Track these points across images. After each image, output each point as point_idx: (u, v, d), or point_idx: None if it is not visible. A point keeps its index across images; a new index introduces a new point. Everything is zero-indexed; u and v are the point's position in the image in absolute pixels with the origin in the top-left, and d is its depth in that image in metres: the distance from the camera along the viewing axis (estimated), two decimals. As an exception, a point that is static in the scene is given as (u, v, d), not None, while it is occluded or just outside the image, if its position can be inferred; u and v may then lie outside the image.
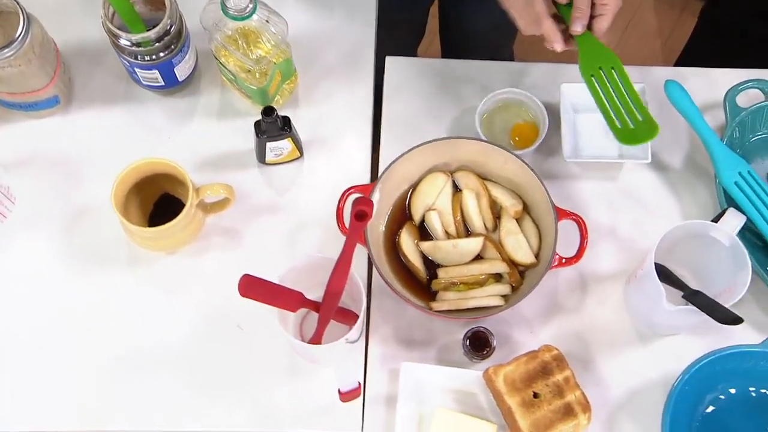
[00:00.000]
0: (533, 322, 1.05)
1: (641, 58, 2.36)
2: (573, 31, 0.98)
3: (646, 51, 2.40)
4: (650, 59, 2.36)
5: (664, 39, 2.43)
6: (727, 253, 0.92)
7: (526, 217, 1.06)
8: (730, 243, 0.91)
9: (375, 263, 0.98)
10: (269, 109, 1.00)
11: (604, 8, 0.96)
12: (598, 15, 0.97)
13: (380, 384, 1.02)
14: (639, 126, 0.96)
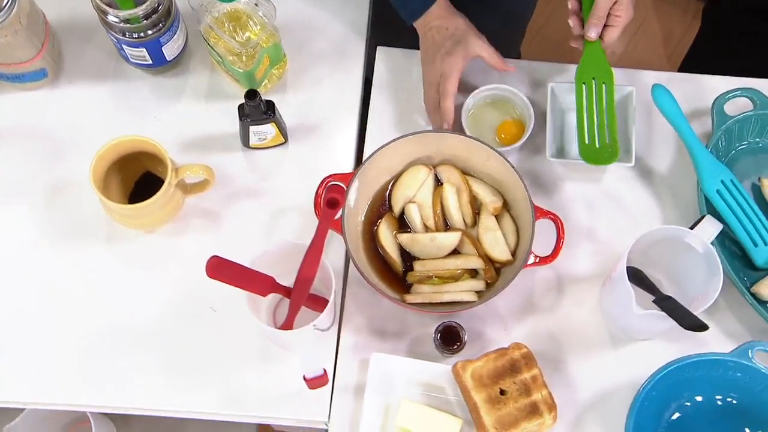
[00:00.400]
0: (507, 320, 1.05)
1: (648, 62, 2.35)
2: (587, 37, 1.05)
3: (654, 57, 2.39)
4: (657, 64, 2.35)
5: (673, 45, 2.42)
6: (701, 260, 0.92)
7: (505, 214, 1.06)
8: (704, 250, 0.91)
9: (350, 253, 0.98)
10: (252, 92, 1.00)
11: (617, 20, 1.03)
12: (610, 25, 1.04)
13: (350, 373, 1.03)
14: (603, 147, 1.03)
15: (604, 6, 1.02)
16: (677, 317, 0.84)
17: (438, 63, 1.07)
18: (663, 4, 2.48)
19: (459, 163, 1.09)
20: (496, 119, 1.14)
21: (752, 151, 1.09)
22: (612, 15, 1.03)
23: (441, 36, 1.08)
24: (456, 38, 1.07)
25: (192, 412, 1.01)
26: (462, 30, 1.08)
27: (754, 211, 1.03)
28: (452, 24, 1.08)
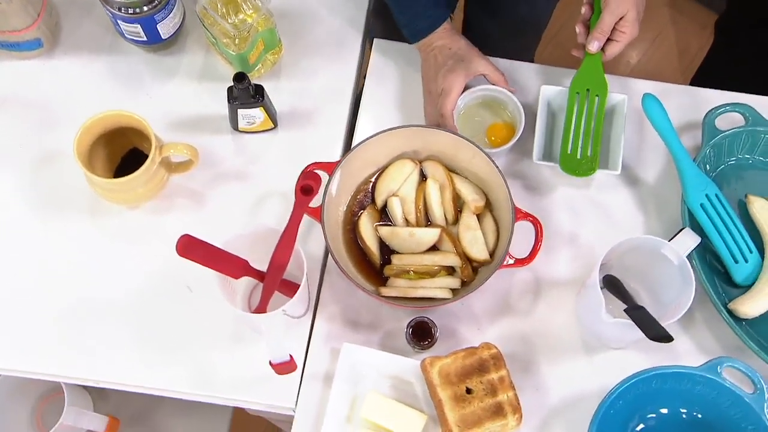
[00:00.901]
0: (482, 320, 1.06)
1: (661, 75, 2.34)
2: (588, 49, 1.06)
3: (668, 69, 2.38)
4: (671, 77, 2.35)
5: (689, 58, 2.41)
6: (676, 272, 0.93)
7: (487, 214, 1.07)
8: (679, 262, 0.91)
9: (328, 242, 0.99)
10: (241, 75, 1.01)
11: (621, 36, 1.05)
12: (614, 40, 1.05)
13: (321, 362, 1.03)
14: (584, 159, 1.05)
15: (609, 21, 1.03)
16: (644, 327, 0.85)
17: (440, 81, 1.07)
18: (681, 17, 2.48)
19: (445, 159, 1.09)
20: (487, 120, 1.14)
21: (741, 167, 1.09)
22: (617, 30, 1.04)
23: (443, 55, 1.08)
24: (458, 57, 1.08)
25: (160, 389, 1.02)
26: (464, 50, 1.09)
27: (737, 227, 1.02)
28: (455, 44, 1.09)
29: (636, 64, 2.38)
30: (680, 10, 2.47)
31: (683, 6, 2.47)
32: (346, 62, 1.20)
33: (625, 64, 2.36)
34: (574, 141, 1.06)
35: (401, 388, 1.01)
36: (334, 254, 0.99)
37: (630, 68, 2.36)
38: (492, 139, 1.13)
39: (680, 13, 2.48)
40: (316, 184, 0.85)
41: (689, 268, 0.90)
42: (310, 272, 1.08)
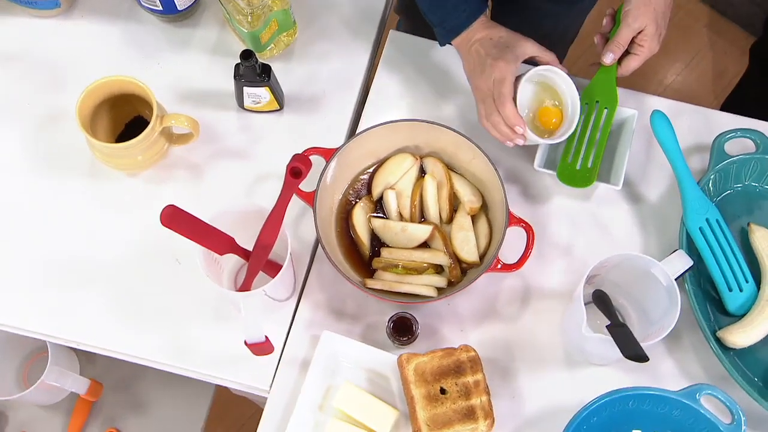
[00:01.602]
0: (466, 322, 1.06)
1: (694, 97, 2.32)
2: (602, 61, 1.04)
3: (702, 92, 2.36)
4: (705, 100, 2.32)
5: (725, 82, 2.38)
6: (665, 293, 0.92)
7: (482, 216, 1.07)
8: (667, 283, 0.91)
9: (317, 229, 0.99)
10: (248, 53, 1.02)
11: (639, 49, 1.03)
12: (632, 54, 1.03)
13: (300, 347, 1.04)
14: (582, 170, 1.04)
15: (626, 34, 1.01)
16: (621, 345, 0.84)
17: (488, 71, 1.01)
18: (720, 39, 2.44)
19: (446, 157, 1.09)
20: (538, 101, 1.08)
21: (747, 194, 1.08)
22: (636, 44, 1.03)
23: (486, 47, 1.02)
24: (503, 44, 1.02)
25: (137, 357, 1.03)
26: (507, 36, 1.03)
27: (735, 255, 1.01)
28: (496, 34, 1.03)
29: (669, 83, 2.35)
30: (720, 32, 2.44)
31: (723, 28, 2.44)
32: (360, 51, 1.21)
33: (657, 82, 2.34)
34: (576, 151, 1.05)
35: (377, 382, 1.01)
36: (323, 241, 1.00)
37: (663, 87, 2.33)
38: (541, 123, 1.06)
39: (719, 35, 2.45)
40: (305, 167, 0.86)
41: (676, 291, 0.89)
42: (301, 257, 1.09)
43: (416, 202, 1.07)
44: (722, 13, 2.46)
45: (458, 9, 1.02)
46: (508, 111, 0.99)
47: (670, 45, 2.41)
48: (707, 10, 2.48)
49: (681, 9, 2.48)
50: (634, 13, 1.00)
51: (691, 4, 2.50)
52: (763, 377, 0.98)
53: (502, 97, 0.99)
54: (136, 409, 1.36)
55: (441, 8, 1.03)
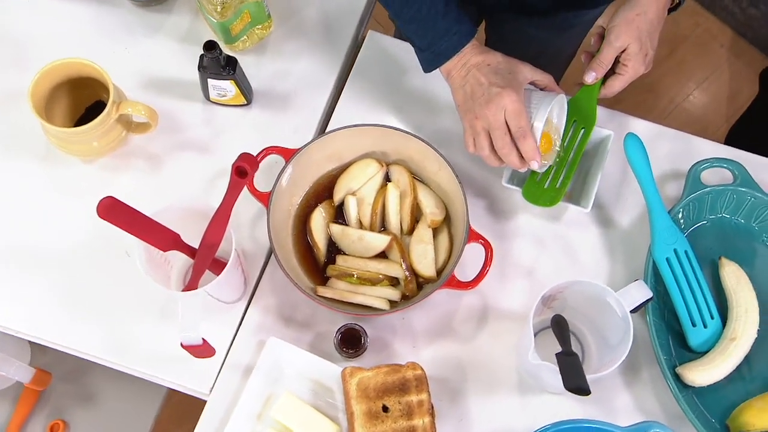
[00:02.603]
0: (419, 338, 1.06)
1: (703, 119, 2.30)
2: (583, 80, 1.03)
3: (713, 114, 2.34)
4: (714, 123, 2.30)
5: (737, 105, 2.37)
6: (620, 324, 0.91)
7: (444, 229, 1.06)
8: (622, 314, 0.90)
9: (270, 231, 0.99)
10: (211, 44, 1.02)
11: (624, 69, 1.01)
12: (617, 74, 1.02)
13: (245, 352, 1.04)
14: (549, 190, 1.04)
15: (609, 52, 1.00)
16: (565, 375, 0.84)
17: (496, 101, 0.96)
18: (737, 61, 2.43)
19: (413, 166, 1.09)
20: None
21: (722, 227, 1.07)
22: (621, 64, 1.01)
23: (485, 74, 0.98)
24: (504, 70, 0.99)
25: (75, 350, 1.04)
26: (504, 62, 1.00)
27: (702, 289, 1.01)
28: (492, 59, 0.99)
29: (680, 102, 2.34)
30: (738, 53, 2.43)
31: (741, 50, 2.42)
32: (335, 50, 1.21)
33: (669, 100, 2.32)
34: (546, 169, 1.05)
35: (321, 394, 1.01)
36: (274, 244, 1.00)
37: (674, 105, 2.32)
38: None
39: (737, 56, 2.43)
40: (251, 167, 0.86)
41: (629, 323, 0.89)
42: (255, 259, 1.09)
43: (377, 211, 1.07)
44: (742, 34, 2.44)
45: (450, 31, 0.98)
46: (530, 146, 0.96)
47: (685, 63, 2.40)
48: (727, 30, 2.46)
49: (699, 26, 2.47)
50: (616, 31, 0.99)
51: (709, 22, 2.48)
52: (721, 419, 0.98)
53: (523, 131, 0.96)
54: (86, 401, 1.36)
55: (430, 30, 0.98)
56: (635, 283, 0.93)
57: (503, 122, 0.97)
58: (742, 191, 1.04)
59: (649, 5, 0.97)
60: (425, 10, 0.96)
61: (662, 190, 1.11)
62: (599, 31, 1.05)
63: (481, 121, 0.98)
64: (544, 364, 0.87)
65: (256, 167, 0.88)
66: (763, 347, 1.00)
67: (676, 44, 2.41)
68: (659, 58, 2.40)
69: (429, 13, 0.96)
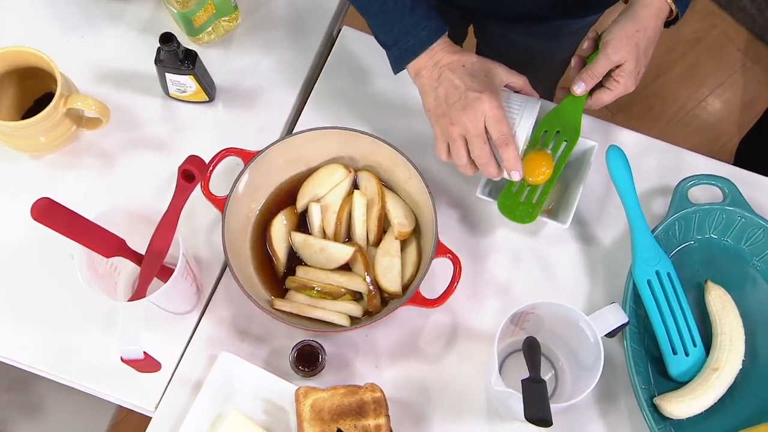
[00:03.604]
0: (383, 357, 1.06)
1: (716, 126, 2.30)
2: (572, 89, 1.03)
3: (726, 122, 2.35)
4: (726, 131, 2.31)
5: (753, 113, 2.37)
6: (592, 349, 0.92)
7: (413, 242, 1.07)
8: (594, 339, 0.91)
9: (224, 239, 1.00)
10: (168, 36, 1.03)
11: (615, 85, 1.01)
12: (605, 88, 1.03)
13: (195, 367, 1.04)
14: (526, 204, 1.04)
15: (604, 65, 1.00)
16: (527, 403, 0.84)
17: (474, 106, 0.95)
18: (755, 66, 2.43)
19: (382, 173, 1.10)
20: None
21: (710, 248, 1.08)
22: (612, 79, 1.01)
23: (460, 76, 0.97)
24: (480, 72, 0.99)
25: (10, 359, 1.04)
26: (478, 63, 0.99)
27: (685, 315, 1.01)
28: (466, 59, 0.99)
29: (691, 109, 2.34)
30: (755, 58, 2.43)
31: (759, 54, 2.42)
32: (306, 45, 1.21)
33: (679, 107, 2.33)
34: (522, 182, 1.05)
35: (273, 414, 1.02)
36: (229, 253, 1.00)
37: (685, 112, 2.32)
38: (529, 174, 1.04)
39: (754, 61, 2.43)
40: (199, 171, 0.86)
41: (600, 349, 0.89)
42: (210, 267, 1.10)
43: (342, 220, 1.07)
44: (760, 37, 2.45)
45: (418, 26, 0.97)
46: (512, 154, 0.96)
47: (698, 67, 2.40)
48: (743, 33, 2.47)
49: (715, 28, 2.47)
50: (615, 44, 0.99)
51: (725, 24, 2.49)
52: (700, 454, 0.98)
53: (505, 138, 0.96)
54: (31, 412, 1.37)
55: (397, 25, 0.97)
56: (610, 306, 0.93)
57: (483, 129, 0.96)
58: (731, 211, 1.05)
59: (648, 21, 0.98)
60: (391, 4, 0.96)
61: (649, 206, 1.12)
62: (593, 36, 1.05)
63: (457, 128, 0.97)
64: (508, 390, 0.88)
65: (205, 171, 0.89)
66: (749, 379, 1.01)
67: (689, 47, 2.42)
68: (669, 62, 2.41)
69: (395, 7, 0.96)
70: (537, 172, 1.04)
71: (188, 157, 0.87)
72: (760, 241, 1.05)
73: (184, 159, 0.88)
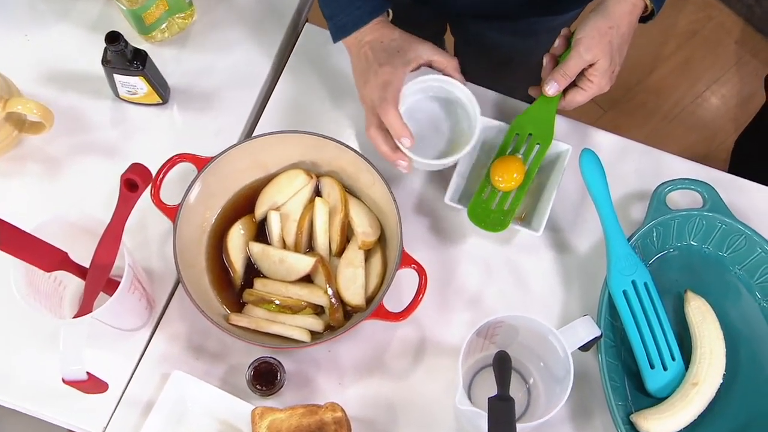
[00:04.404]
0: (346, 374, 1.06)
1: (712, 124, 2.32)
2: (544, 91, 1.05)
3: (723, 119, 2.36)
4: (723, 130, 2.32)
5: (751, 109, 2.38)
6: (563, 364, 0.93)
7: (378, 252, 1.07)
8: (564, 354, 0.91)
9: (175, 251, 1.00)
10: (114, 35, 1.03)
11: (588, 85, 1.03)
12: (579, 88, 1.04)
13: (147, 386, 1.04)
14: (497, 212, 1.05)
15: (576, 64, 1.01)
16: (492, 422, 0.84)
17: (373, 79, 1.04)
18: (753, 60, 2.44)
19: (346, 178, 1.10)
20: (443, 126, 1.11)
21: (689, 256, 1.08)
22: (585, 78, 1.03)
23: (374, 51, 1.05)
24: (394, 48, 1.05)
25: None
26: (400, 39, 1.06)
27: (663, 327, 1.02)
28: (387, 36, 1.06)
29: (686, 105, 2.35)
30: (753, 51, 2.43)
31: (758, 46, 2.42)
32: (267, 43, 1.22)
33: (674, 103, 2.33)
34: (494, 188, 1.06)
35: (229, 436, 1.02)
36: (180, 265, 1.00)
37: (680, 108, 2.33)
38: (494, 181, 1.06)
39: (753, 54, 2.44)
40: (142, 180, 0.86)
41: (570, 364, 0.90)
42: (164, 280, 1.10)
43: (303, 229, 1.07)
44: (758, 29, 2.46)
45: (353, 5, 1.04)
46: (391, 118, 1.00)
47: (693, 61, 2.42)
48: (741, 24, 2.48)
49: (711, 20, 2.48)
50: (587, 42, 1.00)
51: (722, 15, 2.50)
52: (678, 474, 0.99)
53: (385, 103, 1.00)
54: (-23, 435, 1.37)
55: (333, 2, 1.04)
56: (582, 318, 0.94)
57: (372, 105, 1.03)
58: (711, 217, 1.06)
59: (621, 18, 0.99)
60: None
61: (627, 212, 1.13)
62: (565, 33, 1.06)
63: (362, 102, 1.06)
64: (472, 410, 0.88)
65: (150, 180, 0.89)
66: (730, 394, 1.02)
67: (684, 39, 2.43)
68: (663, 56, 2.43)
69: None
70: (507, 177, 1.04)
71: (131, 165, 0.88)
72: (742, 248, 1.06)
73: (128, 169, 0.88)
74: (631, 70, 2.36)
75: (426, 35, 1.09)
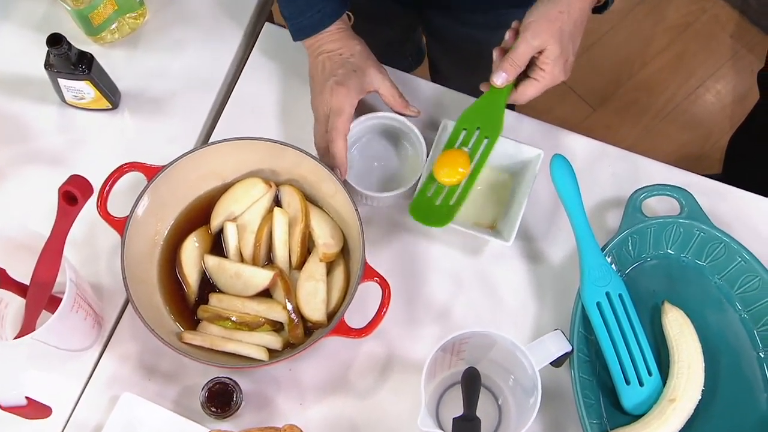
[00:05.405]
0: (308, 394, 1.07)
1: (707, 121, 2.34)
2: (491, 81, 1.05)
3: (718, 116, 2.38)
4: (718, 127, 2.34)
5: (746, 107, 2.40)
6: (531, 382, 0.94)
7: (340, 264, 1.09)
8: (531, 371, 0.93)
9: (123, 265, 1.00)
10: (56, 38, 1.04)
11: (540, 74, 1.04)
12: (531, 79, 1.05)
13: (95, 410, 1.05)
14: (440, 208, 1.06)
15: (524, 51, 1.02)
16: (454, 445, 0.86)
17: (327, 95, 1.09)
18: (749, 54, 2.46)
19: (307, 187, 1.11)
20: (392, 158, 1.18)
21: (667, 265, 1.10)
22: (537, 67, 1.03)
23: (333, 63, 1.10)
24: (351, 66, 1.10)
25: None
26: (358, 57, 1.11)
27: (639, 340, 1.03)
28: (348, 49, 1.10)
29: (679, 102, 2.37)
30: (749, 45, 2.45)
31: (753, 40, 2.44)
32: (224, 43, 1.23)
33: (666, 100, 2.35)
34: (439, 184, 1.07)
35: (183, 461, 1.03)
36: (128, 281, 1.00)
37: (673, 105, 2.34)
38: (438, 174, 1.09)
39: (748, 49, 2.46)
40: (82, 194, 0.87)
41: (537, 381, 0.91)
42: (113, 297, 1.11)
43: (262, 241, 1.09)
44: (754, 22, 2.48)
45: (312, 8, 1.07)
46: (337, 149, 1.07)
47: (686, 56, 2.44)
48: (736, 16, 2.50)
49: (705, 13, 2.50)
50: (535, 28, 1.00)
51: (717, 8, 2.52)
52: (656, 495, 1.00)
53: (336, 132, 1.07)
54: None
55: (293, 3, 1.07)
56: (552, 333, 0.96)
57: (325, 118, 1.09)
58: (688, 224, 1.07)
59: (572, 3, 1.00)
60: None
61: (603, 220, 1.14)
62: (515, 26, 1.06)
63: (314, 109, 1.12)
64: (427, 429, 0.89)
65: (90, 192, 0.90)
66: (710, 410, 1.03)
67: (676, 33, 2.45)
68: (655, 50, 2.45)
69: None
70: (452, 171, 1.06)
71: (70, 177, 0.89)
72: (722, 257, 1.08)
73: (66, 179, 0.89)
74: (620, 66, 2.38)
75: (395, 31, 1.11)
